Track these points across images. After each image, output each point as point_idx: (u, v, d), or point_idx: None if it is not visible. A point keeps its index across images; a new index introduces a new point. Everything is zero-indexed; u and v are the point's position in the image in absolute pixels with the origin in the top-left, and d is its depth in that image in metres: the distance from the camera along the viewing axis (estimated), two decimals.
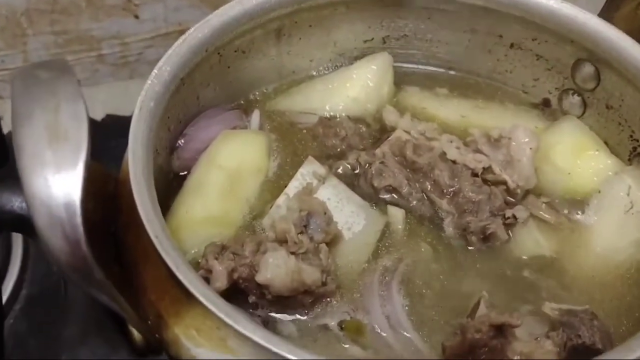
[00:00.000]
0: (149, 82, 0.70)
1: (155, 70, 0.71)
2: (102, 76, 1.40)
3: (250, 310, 0.71)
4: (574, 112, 0.92)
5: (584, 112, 0.91)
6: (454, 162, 0.83)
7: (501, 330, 0.64)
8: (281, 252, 0.70)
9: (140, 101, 0.68)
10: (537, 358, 0.64)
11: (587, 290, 0.76)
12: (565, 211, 0.83)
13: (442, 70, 1.01)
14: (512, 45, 0.94)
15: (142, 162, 0.62)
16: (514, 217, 0.79)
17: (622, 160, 0.86)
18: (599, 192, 0.82)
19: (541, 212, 0.82)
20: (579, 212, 0.83)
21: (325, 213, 0.77)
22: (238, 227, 0.79)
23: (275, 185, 0.84)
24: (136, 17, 1.35)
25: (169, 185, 0.83)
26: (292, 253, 0.71)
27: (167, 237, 0.57)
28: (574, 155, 0.86)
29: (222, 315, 0.51)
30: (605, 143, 0.89)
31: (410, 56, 1.01)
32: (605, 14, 0.89)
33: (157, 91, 0.70)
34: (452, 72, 1.01)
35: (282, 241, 0.73)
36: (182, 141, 0.85)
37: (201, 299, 0.52)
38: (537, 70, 0.94)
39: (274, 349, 0.50)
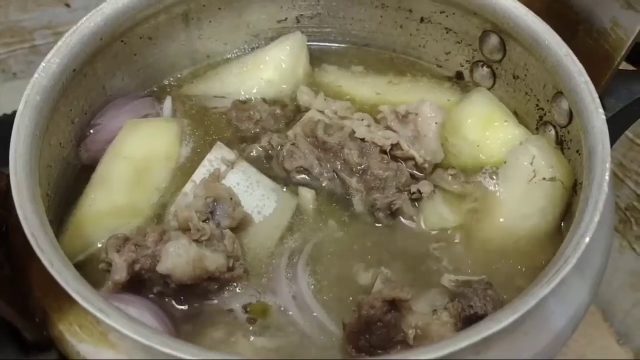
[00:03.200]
0: (36, 75, 0.69)
1: (42, 64, 0.70)
2: (37, 67, 1.38)
3: (156, 298, 0.71)
4: (484, 84, 0.93)
5: (494, 84, 0.92)
6: (363, 140, 0.84)
7: (395, 305, 0.65)
8: (182, 240, 0.70)
9: (25, 95, 0.67)
10: (434, 330, 0.66)
11: (490, 260, 0.77)
12: (474, 183, 0.84)
13: (358, 47, 1.01)
14: (422, 20, 0.94)
15: (24, 158, 0.61)
16: (419, 191, 0.80)
17: (530, 129, 0.87)
18: (505, 162, 0.83)
19: (448, 184, 0.83)
20: (488, 183, 0.83)
21: (231, 198, 0.77)
22: (147, 216, 0.80)
23: (188, 171, 0.84)
24: (67, 5, 1.32)
25: (78, 179, 0.82)
26: (195, 240, 0.72)
27: (45, 233, 0.57)
28: (483, 127, 0.87)
29: (95, 312, 0.51)
30: (515, 113, 0.90)
31: (325, 34, 1.01)
32: None
33: (44, 85, 0.69)
34: (368, 49, 1.01)
35: (185, 229, 0.73)
36: (91, 132, 0.85)
37: (74, 295, 0.52)
38: (448, 44, 0.94)
39: (146, 342, 0.50)
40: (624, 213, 1.28)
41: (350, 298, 0.73)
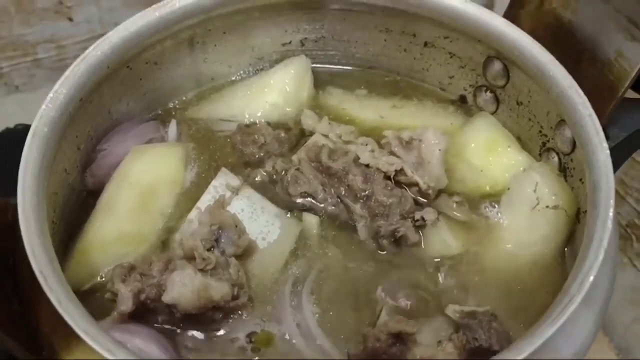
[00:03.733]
0: (44, 107, 0.69)
1: (50, 94, 0.71)
2: (39, 80, 1.39)
3: (161, 327, 0.72)
4: (488, 109, 0.94)
5: (497, 109, 0.93)
6: (367, 166, 0.84)
7: (400, 338, 0.65)
8: (188, 270, 0.71)
9: (33, 127, 0.67)
10: None
11: (494, 287, 0.77)
12: (478, 209, 0.84)
13: (362, 69, 1.01)
14: (425, 44, 0.94)
15: (32, 191, 0.62)
16: (423, 219, 0.80)
17: (534, 155, 0.88)
18: (509, 189, 0.83)
19: (453, 212, 0.83)
20: (491, 210, 0.84)
21: (236, 226, 0.78)
22: (152, 242, 0.80)
23: (193, 196, 0.84)
24: (70, 19, 1.33)
25: (83, 204, 0.83)
26: (201, 270, 0.72)
27: (54, 271, 0.57)
28: (486, 152, 0.87)
29: (103, 352, 0.51)
30: (519, 139, 0.90)
31: (330, 57, 1.01)
32: (512, 12, 0.89)
33: (52, 116, 0.69)
34: (372, 71, 1.01)
35: (190, 258, 0.73)
36: (97, 157, 0.85)
37: (82, 335, 0.52)
38: (452, 68, 0.95)
39: None
40: (625, 230, 1.29)
41: (355, 327, 0.73)
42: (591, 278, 0.57)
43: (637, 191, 1.24)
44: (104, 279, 0.75)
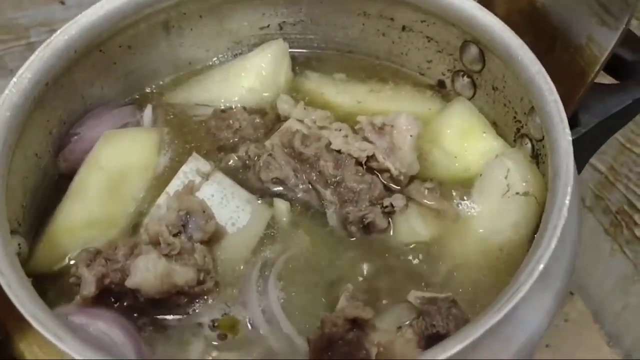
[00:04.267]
0: (7, 92, 0.70)
1: (14, 79, 0.71)
2: None
3: (126, 311, 0.72)
4: (465, 94, 0.93)
5: (474, 94, 0.92)
6: (339, 151, 0.84)
7: (357, 324, 0.66)
8: (152, 255, 0.71)
9: None
10: (397, 348, 0.66)
11: (461, 275, 0.77)
12: (450, 196, 0.84)
13: (341, 53, 1.01)
14: (403, 28, 0.93)
15: None
16: (392, 205, 0.80)
17: (509, 141, 0.87)
18: (481, 175, 0.82)
19: (425, 199, 0.83)
20: (463, 197, 0.83)
21: (204, 211, 0.78)
22: (123, 227, 0.80)
23: (166, 180, 0.84)
24: (62, 2, 1.33)
25: (57, 189, 0.83)
26: (165, 255, 0.73)
27: (6, 254, 0.58)
28: (461, 138, 0.87)
29: (49, 336, 0.52)
30: (495, 124, 0.89)
31: (309, 41, 1.01)
32: None
33: (15, 101, 0.69)
34: (351, 55, 1.00)
35: (156, 243, 0.74)
36: (70, 141, 0.85)
37: (30, 319, 0.53)
38: (429, 52, 0.93)
39: None
40: (615, 217, 1.27)
41: (319, 313, 0.73)
42: (541, 267, 0.57)
43: (627, 177, 1.23)
44: (72, 262, 0.76)
